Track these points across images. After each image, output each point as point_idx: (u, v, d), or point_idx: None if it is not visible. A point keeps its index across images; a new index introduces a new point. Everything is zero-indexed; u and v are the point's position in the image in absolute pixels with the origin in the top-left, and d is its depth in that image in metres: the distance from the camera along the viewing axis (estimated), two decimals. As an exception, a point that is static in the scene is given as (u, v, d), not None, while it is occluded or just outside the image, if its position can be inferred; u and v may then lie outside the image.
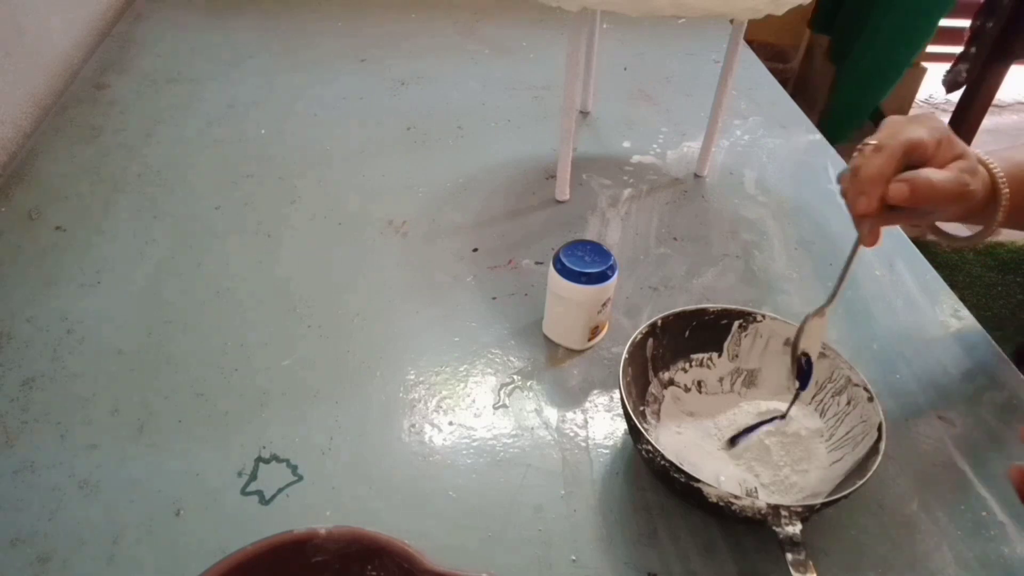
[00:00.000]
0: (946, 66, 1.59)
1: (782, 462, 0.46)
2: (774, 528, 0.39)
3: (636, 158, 0.78)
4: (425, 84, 0.89)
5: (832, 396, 0.48)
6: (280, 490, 0.45)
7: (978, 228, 0.47)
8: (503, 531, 0.44)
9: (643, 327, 0.49)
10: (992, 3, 1.49)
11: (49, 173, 0.70)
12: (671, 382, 0.51)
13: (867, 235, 0.42)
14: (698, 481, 0.41)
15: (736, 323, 0.51)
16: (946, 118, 1.72)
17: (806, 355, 0.46)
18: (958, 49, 1.57)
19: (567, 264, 0.51)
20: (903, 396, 0.54)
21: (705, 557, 0.43)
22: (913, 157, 0.40)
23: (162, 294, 0.58)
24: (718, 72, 0.69)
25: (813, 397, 0.50)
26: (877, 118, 1.74)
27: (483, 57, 0.97)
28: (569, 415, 0.51)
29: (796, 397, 0.47)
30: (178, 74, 0.87)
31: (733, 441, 0.47)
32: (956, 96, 1.68)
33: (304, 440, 0.48)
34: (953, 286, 0.64)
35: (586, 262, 0.51)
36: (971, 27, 1.56)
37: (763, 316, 0.51)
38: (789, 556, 0.38)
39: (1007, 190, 0.44)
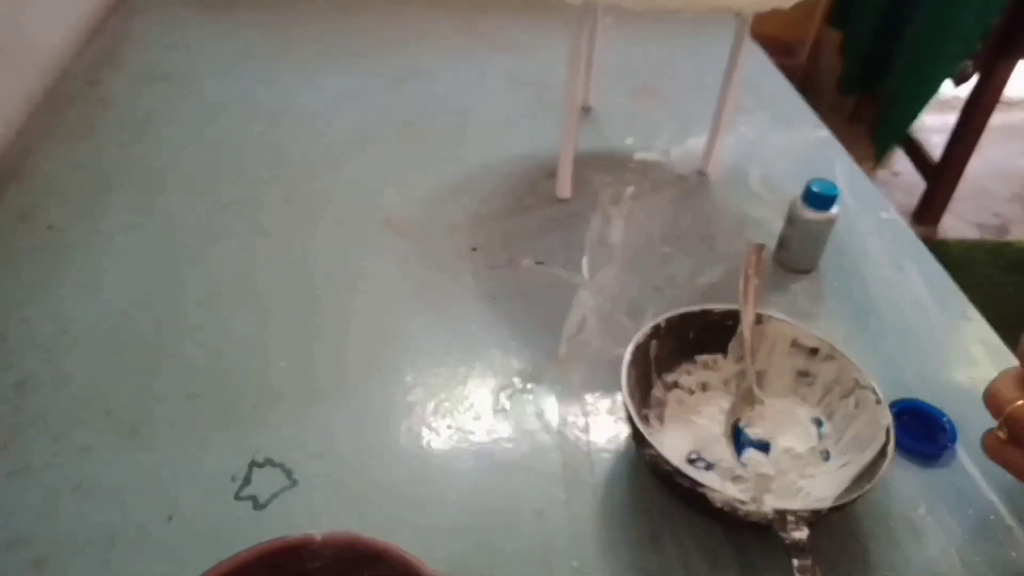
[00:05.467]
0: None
1: (788, 466, 0.45)
2: (780, 533, 0.38)
3: (639, 155, 0.77)
4: (424, 80, 0.88)
5: (840, 399, 0.48)
6: (274, 495, 0.44)
7: None
8: (503, 536, 0.43)
9: (646, 328, 0.48)
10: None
11: (41, 171, 0.70)
12: (675, 384, 0.50)
13: None
14: (702, 486, 0.40)
15: (741, 324, 0.50)
16: (954, 116, 1.71)
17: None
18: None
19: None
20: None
21: (709, 563, 0.42)
22: None
23: (157, 295, 0.58)
24: (723, 67, 0.68)
25: (820, 399, 0.49)
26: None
27: (483, 53, 0.96)
28: (570, 418, 0.50)
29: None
30: (173, 71, 0.86)
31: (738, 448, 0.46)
32: (963, 93, 1.67)
33: (299, 444, 0.47)
34: (962, 286, 0.63)
35: None
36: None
37: (769, 317, 0.50)
38: (795, 562, 0.38)
39: None
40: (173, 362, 0.52)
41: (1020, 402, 0.32)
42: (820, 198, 0.58)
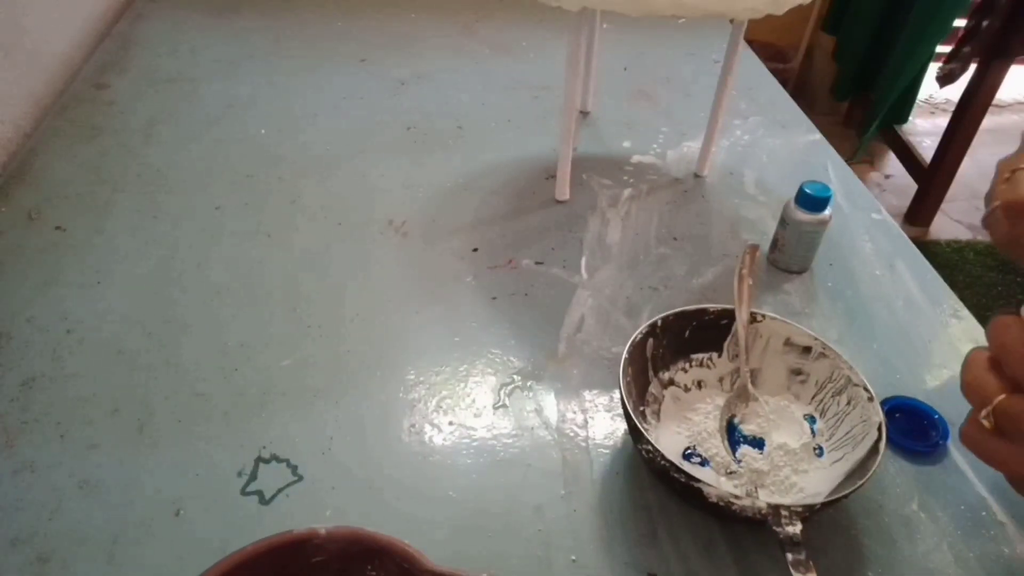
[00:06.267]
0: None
1: (782, 462, 0.46)
2: (774, 528, 0.39)
3: (636, 158, 0.78)
4: (425, 84, 0.89)
5: (832, 396, 0.48)
6: (280, 490, 0.45)
7: None
8: (503, 531, 0.44)
9: (643, 327, 0.49)
10: (989, 2, 1.49)
11: (49, 173, 0.70)
12: (671, 382, 0.51)
13: None
14: (698, 481, 0.41)
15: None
16: (946, 119, 1.72)
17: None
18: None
19: None
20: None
21: (705, 557, 0.43)
22: None
23: (162, 294, 0.58)
24: (718, 72, 0.69)
25: (813, 397, 0.50)
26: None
27: (483, 57, 0.97)
28: (569, 415, 0.51)
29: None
30: (178, 74, 0.87)
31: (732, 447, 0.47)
32: (956, 96, 1.68)
33: (304, 440, 0.48)
34: (953, 286, 0.64)
35: None
36: (966, 26, 1.57)
37: (763, 316, 0.51)
38: (789, 556, 0.38)
39: None
40: (178, 360, 0.53)
41: (1004, 396, 0.31)
42: (813, 200, 0.59)
